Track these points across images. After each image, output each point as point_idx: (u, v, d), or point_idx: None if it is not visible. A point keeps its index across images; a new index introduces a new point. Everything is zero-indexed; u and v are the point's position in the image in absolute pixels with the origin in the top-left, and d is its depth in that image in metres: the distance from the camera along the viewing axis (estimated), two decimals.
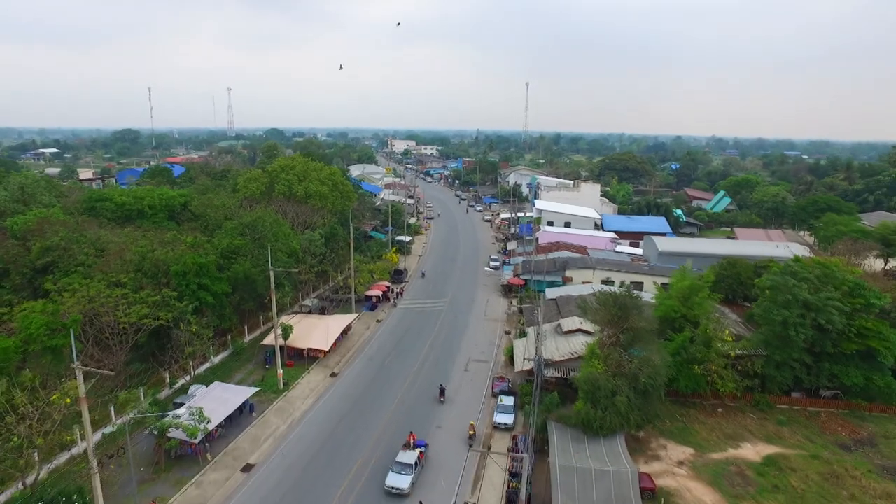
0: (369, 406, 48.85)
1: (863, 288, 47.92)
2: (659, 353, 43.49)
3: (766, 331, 48.43)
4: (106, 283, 48.57)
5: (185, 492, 37.05)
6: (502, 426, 45.50)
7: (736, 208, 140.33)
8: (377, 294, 74.28)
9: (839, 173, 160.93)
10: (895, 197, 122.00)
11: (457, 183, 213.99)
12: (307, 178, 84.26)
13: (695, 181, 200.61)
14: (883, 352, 46.02)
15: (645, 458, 41.33)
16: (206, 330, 50.75)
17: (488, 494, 37.69)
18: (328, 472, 39.39)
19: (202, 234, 63.98)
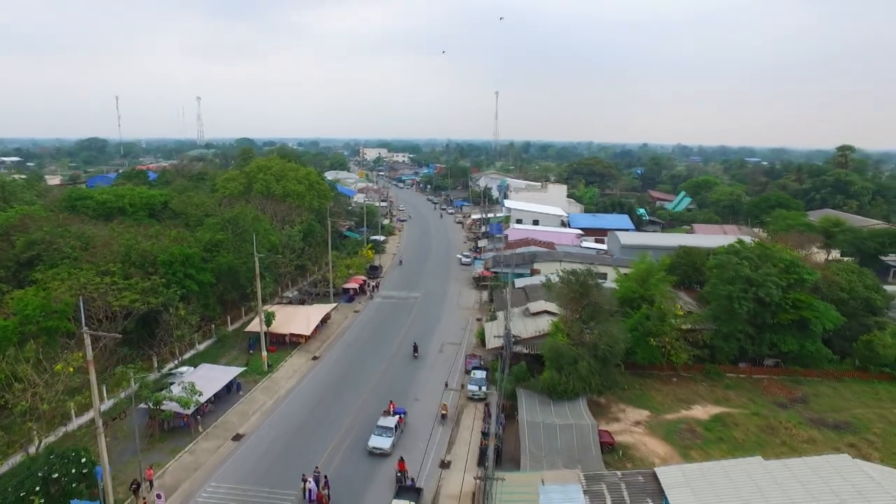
0: (350, 383, 51.92)
1: (797, 265, 53.08)
2: (617, 325, 47.75)
3: (714, 305, 53.27)
4: (95, 271, 50.74)
5: (179, 458, 39.60)
6: (476, 397, 49.04)
7: (696, 208, 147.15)
8: (354, 287, 77.31)
9: (791, 175, 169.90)
10: (839, 195, 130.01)
11: (428, 188, 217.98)
12: (284, 177, 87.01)
13: (659, 184, 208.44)
14: (814, 321, 51.11)
15: (605, 420, 45.26)
16: (193, 316, 53.16)
17: (462, 452, 41.11)
18: (314, 438, 42.33)
19: (184, 229, 66.25)
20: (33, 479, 30.29)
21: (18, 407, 33.53)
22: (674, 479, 30.89)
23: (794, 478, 29.00)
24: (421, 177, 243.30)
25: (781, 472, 29.76)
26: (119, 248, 55.09)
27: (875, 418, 45.37)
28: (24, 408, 33.48)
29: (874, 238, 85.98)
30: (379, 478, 37.75)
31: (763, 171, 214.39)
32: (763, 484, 28.91)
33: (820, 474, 28.92)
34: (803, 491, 27.83)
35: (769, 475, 29.64)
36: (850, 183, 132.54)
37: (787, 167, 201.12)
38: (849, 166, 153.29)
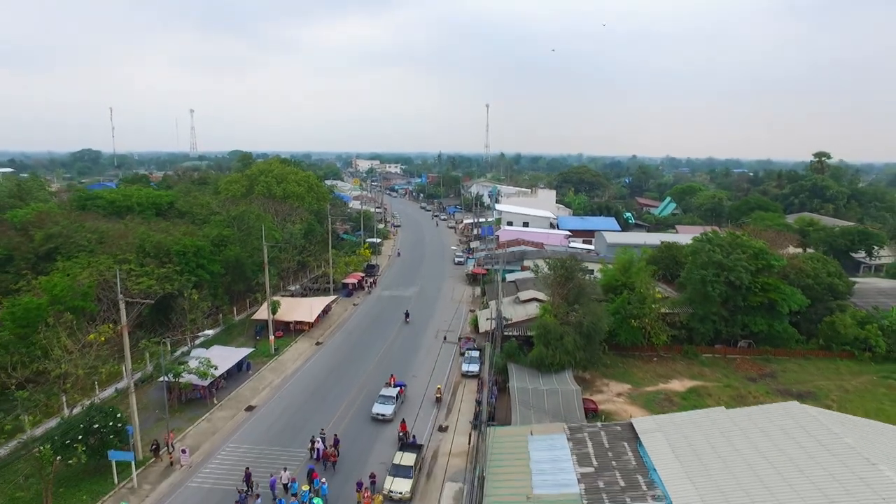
0: (353, 363, 55.51)
1: (765, 252, 57.48)
2: (600, 306, 51.83)
3: (690, 289, 57.51)
4: (113, 260, 54.17)
5: (198, 425, 43.05)
6: (470, 374, 52.76)
7: (681, 212, 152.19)
8: (353, 282, 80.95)
9: (772, 181, 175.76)
10: (816, 199, 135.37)
11: (421, 196, 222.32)
12: (285, 180, 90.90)
13: (646, 192, 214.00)
14: (781, 303, 55.41)
15: (590, 392, 49.07)
16: (204, 302, 56.63)
17: (458, 420, 44.73)
18: (322, 408, 45.88)
19: (192, 227, 69.82)
20: (76, 429, 33.67)
21: (55, 372, 36.84)
22: (647, 426, 34.79)
23: (751, 421, 33.02)
24: (414, 186, 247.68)
25: (741, 418, 33.78)
26: (133, 240, 58.59)
27: (834, 388, 49.57)
28: (60, 373, 36.76)
29: (844, 236, 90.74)
30: (383, 438, 41.38)
31: (747, 178, 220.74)
32: (724, 427, 32.90)
33: (773, 417, 32.95)
34: (758, 430, 31.82)
35: (730, 420, 33.65)
36: (826, 187, 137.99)
37: (769, 175, 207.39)
38: (825, 172, 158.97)
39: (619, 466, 31.22)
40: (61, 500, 33.47)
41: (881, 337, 55.55)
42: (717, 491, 27.11)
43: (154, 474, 36.68)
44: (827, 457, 27.90)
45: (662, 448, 31.84)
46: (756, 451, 29.78)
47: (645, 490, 28.77)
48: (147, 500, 34.09)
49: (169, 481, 35.97)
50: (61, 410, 39.57)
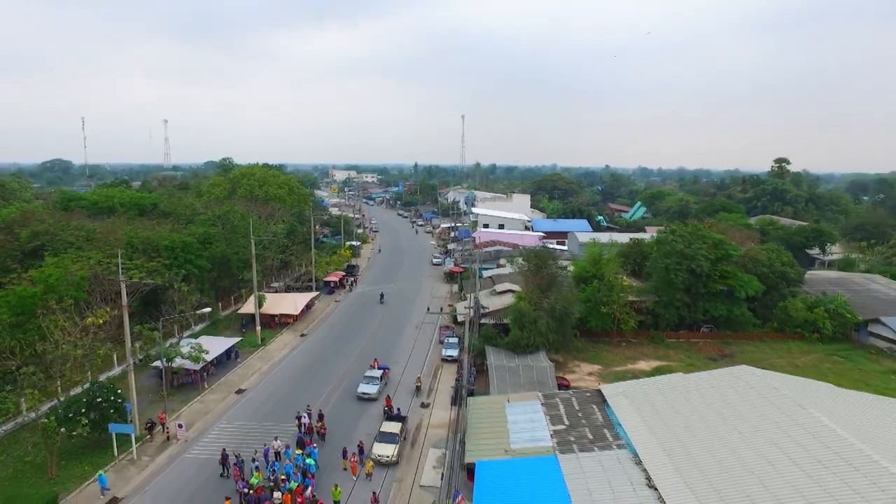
0: (337, 352, 57.84)
1: (723, 243, 61.74)
2: (571, 293, 55.24)
3: (655, 278, 61.33)
4: (102, 255, 55.80)
5: (191, 405, 45.00)
6: (449, 358, 55.54)
7: (651, 216, 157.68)
8: (334, 280, 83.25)
9: (737, 186, 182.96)
10: (777, 202, 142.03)
11: (398, 204, 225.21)
12: (266, 182, 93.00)
13: (618, 199, 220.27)
14: (738, 289, 59.58)
15: (563, 372, 52.14)
16: (193, 295, 58.47)
17: (439, 398, 47.44)
18: (309, 389, 48.17)
19: (177, 225, 71.58)
20: (79, 403, 35.53)
21: (53, 354, 38.43)
22: (614, 391, 38.09)
23: (706, 382, 36.53)
24: (391, 194, 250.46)
25: (697, 380, 37.28)
26: (122, 236, 60.24)
27: (786, 365, 53.53)
28: (59, 354, 38.40)
29: (800, 234, 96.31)
30: (368, 414, 43.84)
31: (713, 185, 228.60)
32: (682, 388, 36.33)
33: (725, 377, 36.52)
34: (711, 388, 35.30)
35: (687, 382, 37.11)
36: (786, 191, 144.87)
37: (734, 181, 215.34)
38: (785, 177, 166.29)
39: (588, 424, 34.34)
40: (64, 470, 35.21)
41: (827, 319, 59.98)
42: (673, 438, 30.38)
43: (152, 448, 38.59)
44: (766, 405, 31.44)
45: (627, 408, 35.08)
46: (708, 404, 33.21)
47: (611, 441, 31.91)
48: (146, 469, 36.01)
49: (167, 454, 37.94)
50: (58, 393, 41.12)
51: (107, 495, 32.59)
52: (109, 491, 32.81)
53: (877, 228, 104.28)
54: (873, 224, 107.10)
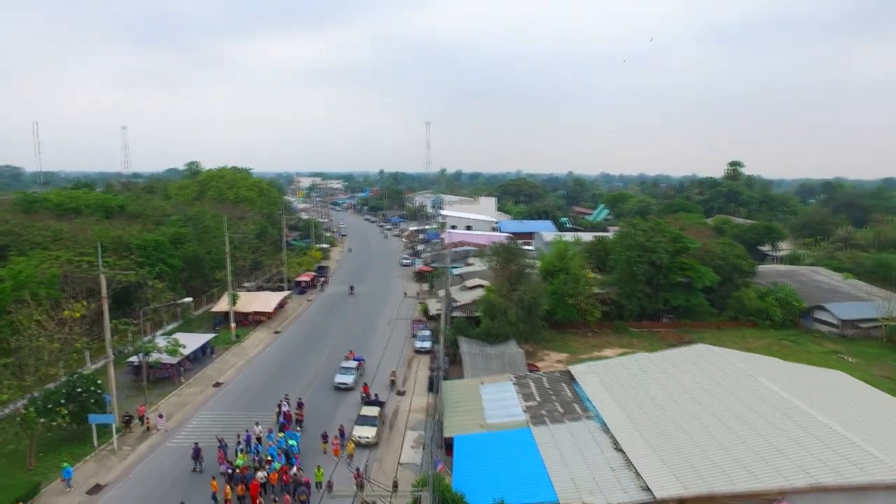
0: (312, 347, 58.75)
1: (682, 237, 65.18)
2: (539, 284, 57.59)
3: (618, 270, 64.26)
4: (73, 253, 55.44)
5: (168, 399, 45.37)
6: (423, 350, 57.09)
7: (613, 217, 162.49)
8: (306, 280, 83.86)
9: (694, 189, 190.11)
10: (732, 204, 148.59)
11: (365, 209, 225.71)
12: (236, 185, 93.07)
13: (582, 202, 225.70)
14: (696, 280, 63.00)
15: (532, 361, 54.31)
16: (165, 294, 58.48)
17: (414, 386, 48.92)
18: (286, 381, 49.00)
19: (149, 225, 71.19)
20: (58, 394, 35.75)
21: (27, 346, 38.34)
22: (582, 370, 40.35)
23: (667, 359, 39.12)
24: (357, 199, 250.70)
25: (659, 358, 39.88)
26: (91, 236, 59.82)
27: (740, 349, 56.62)
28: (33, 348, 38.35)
29: (753, 231, 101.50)
30: (346, 402, 45.00)
31: (673, 188, 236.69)
32: (645, 365, 38.83)
33: (685, 354, 39.22)
34: (671, 364, 37.86)
35: (650, 360, 39.67)
36: (740, 193, 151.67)
37: (692, 184, 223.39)
38: (738, 179, 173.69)
39: (559, 399, 36.40)
40: (43, 461, 35.32)
41: (777, 307, 63.93)
42: (636, 407, 32.68)
43: (132, 438, 38.99)
44: (721, 375, 34.11)
45: (594, 384, 37.31)
46: (668, 377, 35.72)
47: (580, 413, 34.02)
48: (128, 458, 36.43)
49: (148, 443, 38.40)
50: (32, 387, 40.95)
51: (73, 487, 32.22)
52: (70, 489, 32.14)
53: (821, 226, 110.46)
54: (818, 222, 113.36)
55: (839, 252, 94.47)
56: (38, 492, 31.98)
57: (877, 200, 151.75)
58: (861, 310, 63.24)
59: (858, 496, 23.21)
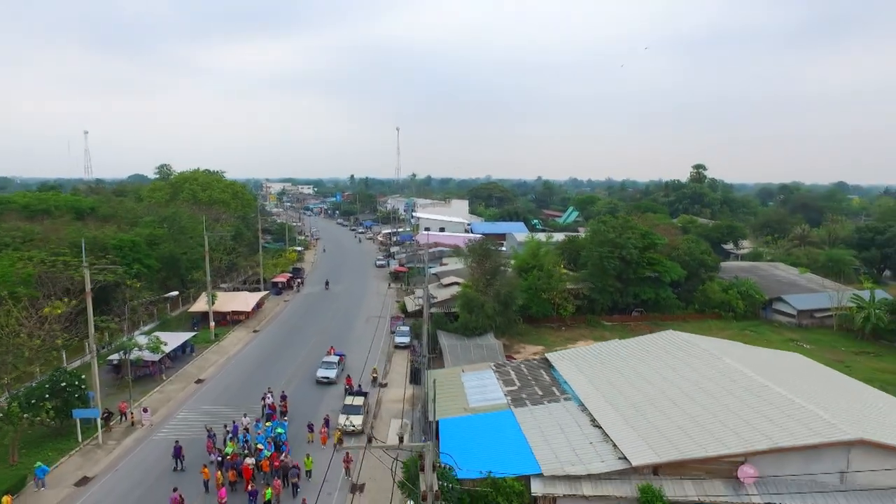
0: (292, 344, 59.30)
1: (650, 233, 67.87)
2: (513, 278, 59.40)
3: (590, 265, 66.56)
4: (47, 253, 54.95)
5: (151, 395, 45.48)
6: (402, 345, 58.24)
7: (583, 219, 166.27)
8: (282, 281, 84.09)
9: (661, 192, 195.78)
10: (696, 205, 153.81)
11: (337, 213, 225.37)
12: (210, 187, 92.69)
13: (552, 206, 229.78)
14: (664, 274, 65.72)
15: (509, 353, 56.00)
16: (144, 293, 58.38)
17: (396, 378, 50.05)
18: (269, 376, 49.51)
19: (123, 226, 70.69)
20: (42, 389, 35.80)
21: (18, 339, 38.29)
22: (559, 357, 42.09)
23: (638, 344, 41.22)
24: (329, 204, 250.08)
25: (631, 344, 41.97)
26: (64, 237, 59.33)
27: None
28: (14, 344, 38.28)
29: (716, 230, 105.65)
30: (329, 395, 45.84)
31: (640, 191, 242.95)
32: (618, 350, 40.91)
33: (655, 340, 41.37)
34: (642, 349, 39.93)
35: (622, 346, 41.74)
36: (703, 195, 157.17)
37: (657, 187, 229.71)
38: (703, 181, 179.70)
39: (538, 384, 38.04)
40: (26, 457, 35.24)
41: (740, 300, 67.11)
42: (611, 387, 34.54)
43: (117, 433, 39.16)
44: (687, 356, 36.32)
45: (570, 369, 39.08)
46: (639, 360, 37.79)
47: (558, 395, 35.71)
48: (114, 452, 36.65)
49: (133, 437, 38.64)
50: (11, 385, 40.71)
51: (48, 486, 31.56)
52: (43, 489, 31.48)
53: (779, 225, 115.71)
54: (776, 222, 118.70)
55: (796, 249, 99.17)
56: (25, 484, 32.09)
57: (829, 202, 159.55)
58: (816, 301, 66.95)
59: (812, 454, 25.37)
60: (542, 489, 26.33)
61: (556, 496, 26.32)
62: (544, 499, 26.52)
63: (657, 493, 25.43)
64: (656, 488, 25.55)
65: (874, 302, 60.84)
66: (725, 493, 25.63)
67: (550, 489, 26.31)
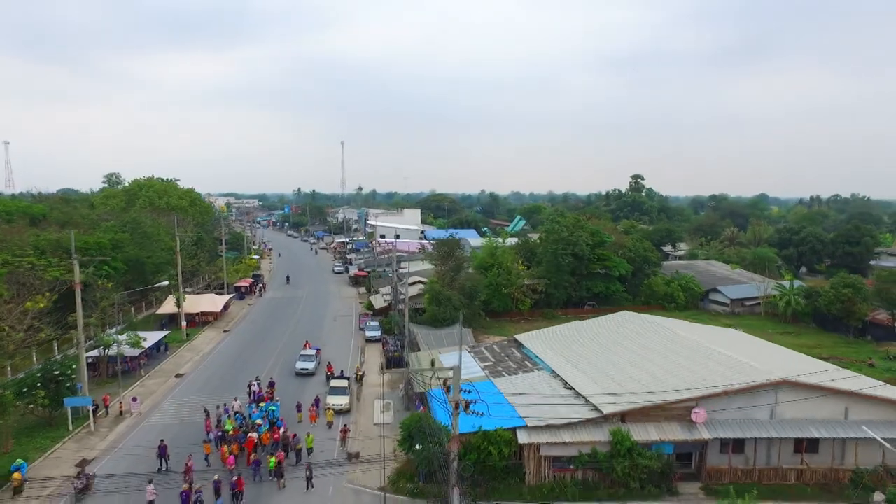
0: (265, 341, 60.84)
1: (599, 232, 73.53)
2: (476, 274, 63.40)
3: (545, 262, 71.38)
4: (9, 255, 54.51)
5: (132, 389, 46.29)
6: (373, 339, 60.90)
7: (529, 227, 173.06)
8: (245, 285, 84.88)
9: (602, 201, 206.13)
10: (636, 212, 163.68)
11: (286, 225, 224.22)
12: (167, 194, 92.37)
13: (497, 215, 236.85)
14: (613, 269, 71.40)
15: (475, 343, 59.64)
16: (114, 292, 58.54)
17: (371, 366, 52.69)
18: (248, 369, 51.04)
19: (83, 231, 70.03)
20: (34, 377, 36.58)
21: None
22: (527, 337, 46.12)
23: (597, 324, 45.79)
24: (276, 217, 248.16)
25: (590, 323, 46.47)
26: (25, 239, 58.87)
27: None
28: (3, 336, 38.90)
29: (656, 233, 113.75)
30: (311, 384, 47.97)
31: (581, 201, 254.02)
32: (579, 329, 45.28)
33: (611, 319, 46.03)
34: (600, 327, 44.48)
35: (583, 326, 46.13)
36: (642, 203, 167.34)
37: (599, 198, 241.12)
38: (641, 190, 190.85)
39: (510, 359, 41.84)
40: (19, 445, 35.85)
41: (681, 292, 73.55)
42: (578, 357, 38.75)
43: (107, 421, 40.09)
44: (642, 328, 41.18)
45: (539, 345, 43.16)
46: (600, 335, 42.29)
47: (531, 367, 39.59)
48: (108, 437, 37.68)
49: (125, 424, 39.70)
50: None
51: (22, 483, 29.83)
52: (26, 481, 30.18)
53: (711, 229, 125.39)
54: (709, 226, 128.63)
55: (727, 249, 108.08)
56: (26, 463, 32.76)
57: (753, 210, 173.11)
58: (746, 291, 74.28)
59: (749, 396, 30.17)
60: (527, 438, 29.94)
61: (539, 444, 29.98)
62: (529, 447, 30.14)
63: (626, 436, 29.54)
64: (625, 431, 29.66)
65: (793, 289, 68.46)
66: (681, 433, 30.03)
67: (535, 438, 29.95)
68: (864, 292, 62.10)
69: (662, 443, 30.01)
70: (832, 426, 30.21)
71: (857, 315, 61.69)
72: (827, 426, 30.20)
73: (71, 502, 29.22)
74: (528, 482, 30.24)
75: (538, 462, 30.22)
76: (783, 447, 30.68)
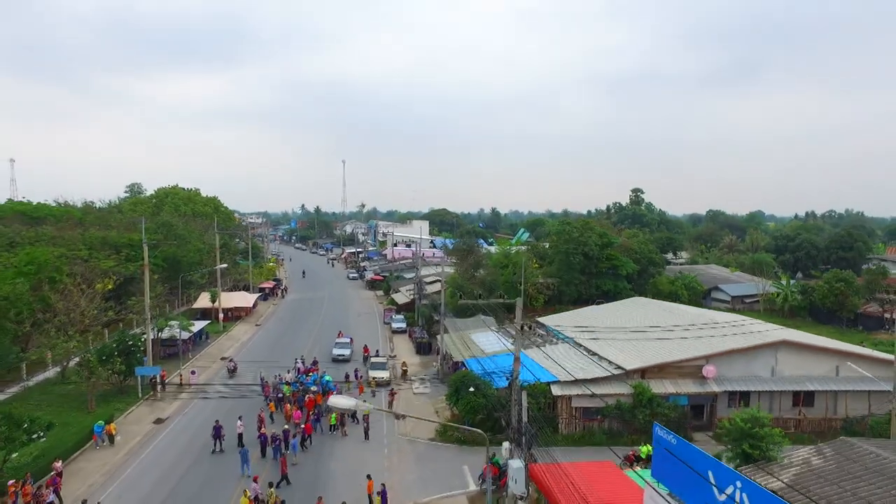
0: (297, 332, 65.04)
1: (606, 234, 78.19)
2: (494, 269, 67.84)
3: (557, 262, 75.86)
4: (65, 249, 58.77)
5: (185, 367, 50.32)
6: (399, 330, 65.15)
7: (533, 239, 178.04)
8: (268, 287, 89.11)
9: (603, 214, 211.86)
10: (636, 224, 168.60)
11: (293, 239, 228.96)
12: (192, 201, 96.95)
13: (500, 230, 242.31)
14: (620, 268, 75.83)
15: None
16: (158, 287, 62.67)
17: (403, 352, 56.79)
18: (288, 353, 54.94)
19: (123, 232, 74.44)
20: (109, 348, 40.71)
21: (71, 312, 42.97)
22: (548, 319, 50.45)
23: (614, 307, 50.16)
24: (283, 231, 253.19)
25: (606, 306, 50.84)
26: (76, 236, 63.21)
27: None
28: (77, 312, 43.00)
29: (657, 241, 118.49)
30: (347, 368, 51.95)
31: (582, 217, 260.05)
32: (597, 312, 49.60)
33: (625, 303, 50.43)
34: (616, 309, 48.90)
35: (599, 308, 50.52)
36: (643, 215, 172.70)
37: (600, 213, 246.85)
38: (641, 203, 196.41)
39: (536, 336, 46.12)
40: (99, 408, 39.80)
41: (685, 290, 77.95)
42: (598, 333, 43.07)
43: (169, 393, 44.08)
44: (656, 308, 45.50)
45: (561, 324, 47.44)
46: (616, 315, 46.74)
47: (555, 341, 43.88)
48: (175, 403, 41.71)
49: (187, 393, 43.72)
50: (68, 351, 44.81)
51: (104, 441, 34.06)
52: (103, 443, 33.98)
53: (711, 237, 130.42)
54: (708, 235, 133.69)
55: (726, 255, 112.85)
56: (112, 421, 36.63)
57: (750, 224, 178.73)
58: (746, 289, 78.87)
59: (752, 355, 34.60)
60: (560, 391, 34.20)
61: (571, 395, 34.21)
62: (562, 399, 34.36)
63: (646, 389, 33.78)
64: (646, 385, 33.91)
65: (790, 286, 73.06)
66: (694, 387, 34.30)
67: (567, 391, 34.20)
68: (855, 286, 66.70)
69: (678, 395, 34.25)
70: (825, 381, 34.54)
71: (850, 307, 66.19)
72: (821, 381, 34.53)
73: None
74: (561, 431, 34.39)
75: (570, 412, 34.41)
76: (783, 400, 34.95)
